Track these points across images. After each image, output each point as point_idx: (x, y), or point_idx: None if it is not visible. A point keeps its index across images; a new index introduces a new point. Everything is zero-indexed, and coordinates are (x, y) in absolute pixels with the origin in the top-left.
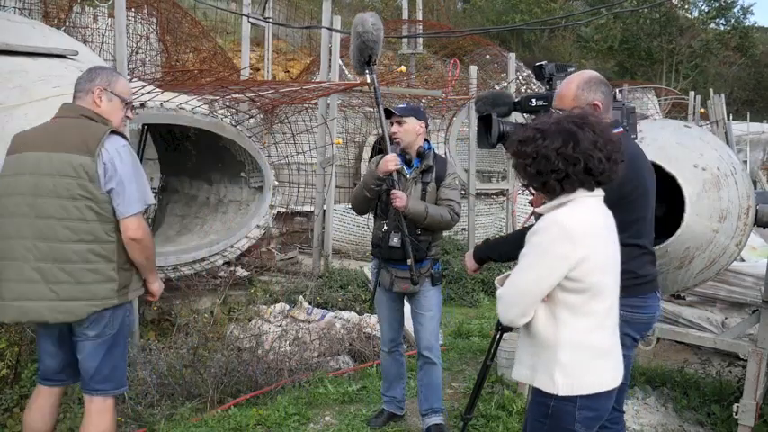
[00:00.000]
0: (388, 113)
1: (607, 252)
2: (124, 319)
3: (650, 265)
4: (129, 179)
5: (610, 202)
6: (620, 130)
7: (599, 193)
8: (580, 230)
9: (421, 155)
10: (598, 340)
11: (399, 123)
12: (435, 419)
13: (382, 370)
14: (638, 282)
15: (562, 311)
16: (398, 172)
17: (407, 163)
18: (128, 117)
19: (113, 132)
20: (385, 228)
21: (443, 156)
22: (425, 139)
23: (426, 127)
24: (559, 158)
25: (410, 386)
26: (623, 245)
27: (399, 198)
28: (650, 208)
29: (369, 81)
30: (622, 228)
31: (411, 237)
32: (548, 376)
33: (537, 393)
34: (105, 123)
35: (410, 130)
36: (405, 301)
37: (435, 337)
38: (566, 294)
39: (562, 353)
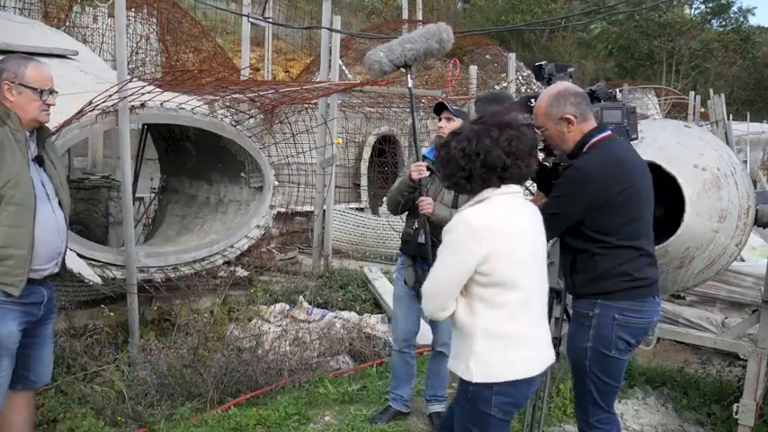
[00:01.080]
0: (440, 108)
1: (519, 246)
2: None
3: (648, 268)
4: None
5: (596, 204)
6: (604, 135)
7: (514, 190)
8: (485, 227)
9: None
10: (511, 330)
11: (449, 120)
12: (438, 407)
13: (392, 368)
14: (634, 285)
15: (477, 304)
16: (433, 172)
17: None
18: (47, 104)
19: None
20: (416, 225)
21: None
22: None
23: None
24: (462, 157)
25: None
26: (617, 247)
27: (427, 204)
28: (646, 209)
29: (410, 84)
30: (614, 230)
31: (434, 238)
32: (465, 364)
33: (460, 379)
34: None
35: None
36: None
37: (449, 335)
38: (478, 288)
39: (477, 342)
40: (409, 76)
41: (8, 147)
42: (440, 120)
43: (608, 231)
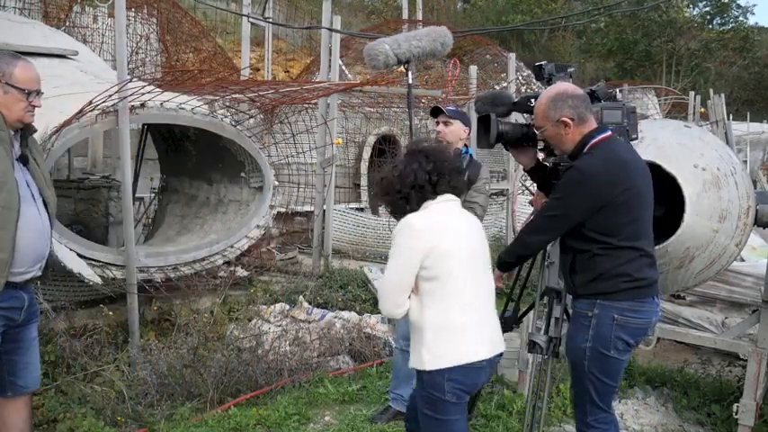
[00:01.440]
0: (436, 112)
1: (457, 243)
2: None
3: (648, 269)
4: None
5: (597, 205)
6: (603, 136)
7: (449, 198)
8: (425, 227)
9: (457, 157)
10: (455, 318)
11: (446, 124)
12: None
13: (393, 367)
14: (633, 285)
15: (425, 298)
16: None
17: None
18: (33, 105)
19: None
20: None
21: (479, 161)
22: (465, 144)
23: (470, 132)
24: (398, 182)
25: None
26: (617, 247)
27: None
28: (646, 210)
29: (410, 80)
30: (615, 231)
31: None
32: (418, 355)
33: (416, 371)
34: None
35: (455, 132)
36: None
37: None
38: (423, 282)
39: (426, 333)
40: (410, 72)
41: None
42: (437, 124)
43: (609, 232)
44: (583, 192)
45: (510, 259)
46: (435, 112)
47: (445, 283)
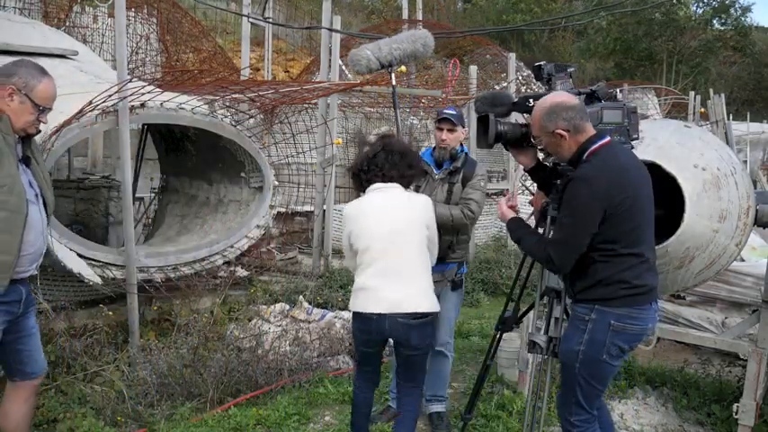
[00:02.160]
0: (443, 120)
1: (372, 223)
2: None
3: (647, 274)
4: None
5: (602, 216)
6: (604, 141)
7: (380, 186)
8: (348, 214)
9: (453, 157)
10: (362, 282)
11: (451, 131)
12: (438, 407)
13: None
14: (632, 292)
15: (357, 267)
16: (426, 173)
17: (438, 164)
18: (40, 121)
19: None
20: None
21: (474, 159)
22: (460, 143)
23: (468, 132)
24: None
25: None
26: (619, 254)
27: None
28: (648, 215)
29: (393, 82)
30: (618, 238)
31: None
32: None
33: None
34: None
35: (458, 138)
36: None
37: (450, 335)
38: (356, 256)
39: (353, 289)
40: (393, 75)
41: (5, 151)
42: (441, 131)
43: (612, 239)
44: (593, 199)
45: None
46: (440, 120)
47: (362, 255)
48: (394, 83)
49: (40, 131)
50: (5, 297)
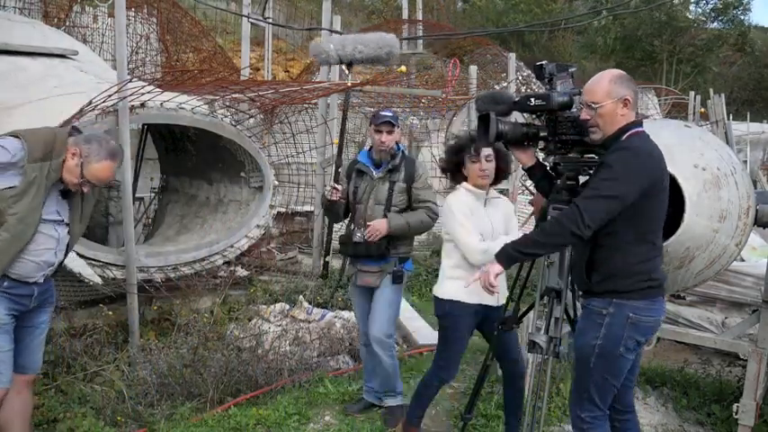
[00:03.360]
0: (382, 122)
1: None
2: None
3: (660, 269)
4: None
5: (644, 188)
6: (642, 129)
7: (464, 186)
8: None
9: (391, 156)
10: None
11: (389, 133)
12: (390, 401)
13: (362, 361)
14: (650, 284)
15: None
16: (363, 173)
17: (376, 165)
18: (82, 189)
19: None
20: (353, 226)
21: (412, 157)
22: (396, 141)
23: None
24: None
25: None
26: (640, 241)
27: (377, 231)
28: (665, 207)
29: (349, 83)
30: (642, 224)
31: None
32: None
33: None
34: None
35: (395, 138)
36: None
37: (384, 330)
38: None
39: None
40: (350, 75)
41: (35, 183)
42: (381, 133)
43: (637, 224)
44: (638, 170)
45: (533, 251)
46: (380, 123)
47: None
48: (349, 84)
49: (81, 193)
50: (14, 290)
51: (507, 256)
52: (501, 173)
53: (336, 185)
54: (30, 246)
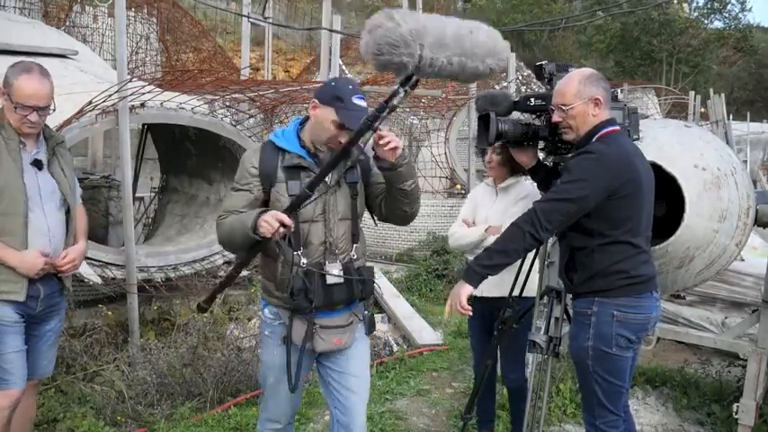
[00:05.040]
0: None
1: None
2: None
3: (644, 265)
4: None
5: (609, 190)
6: (616, 128)
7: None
8: None
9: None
10: None
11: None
12: None
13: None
14: (629, 282)
15: None
16: (304, 171)
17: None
18: (29, 119)
19: None
20: (316, 256)
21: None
22: None
23: None
24: None
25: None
26: (616, 242)
27: (393, 141)
28: (646, 208)
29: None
30: (616, 224)
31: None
32: None
33: None
34: None
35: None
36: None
37: (365, 417)
38: None
39: None
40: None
41: (2, 156)
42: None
43: (610, 225)
44: (600, 173)
45: (496, 261)
46: (343, 127)
47: None
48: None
49: (35, 132)
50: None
51: (472, 274)
52: (518, 164)
53: (284, 220)
54: (19, 233)
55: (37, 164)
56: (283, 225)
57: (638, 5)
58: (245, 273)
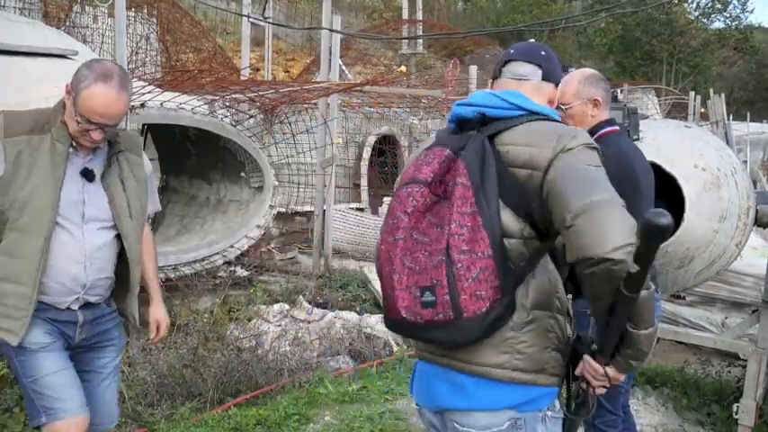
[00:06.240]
0: None
1: None
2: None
3: None
4: None
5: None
6: (615, 128)
7: None
8: None
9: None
10: None
11: None
12: None
13: None
14: None
15: None
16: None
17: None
18: (90, 134)
19: None
20: None
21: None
22: None
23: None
24: None
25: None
26: None
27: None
28: (644, 206)
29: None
30: None
31: None
32: None
33: None
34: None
35: None
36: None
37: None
38: None
39: None
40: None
41: (25, 161)
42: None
43: None
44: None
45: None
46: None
47: None
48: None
49: (97, 147)
50: (47, 314)
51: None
52: None
53: None
54: (32, 258)
55: (87, 174)
56: None
57: (640, 5)
58: (244, 273)
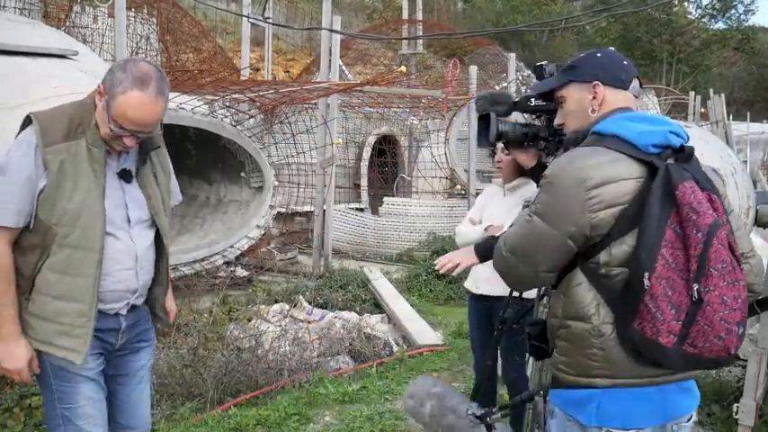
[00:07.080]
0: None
1: None
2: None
3: None
4: None
5: None
6: None
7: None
8: None
9: None
10: None
11: None
12: None
13: None
14: None
15: None
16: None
17: None
18: (123, 140)
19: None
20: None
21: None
22: None
23: None
24: None
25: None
26: None
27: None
28: None
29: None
30: None
31: None
32: None
33: None
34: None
35: None
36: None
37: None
38: None
39: None
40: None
41: (69, 171)
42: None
43: None
44: None
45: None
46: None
47: None
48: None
49: (126, 152)
50: (101, 325)
51: (483, 248)
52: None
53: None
54: (90, 274)
55: (124, 175)
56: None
57: (641, 5)
58: (244, 273)
